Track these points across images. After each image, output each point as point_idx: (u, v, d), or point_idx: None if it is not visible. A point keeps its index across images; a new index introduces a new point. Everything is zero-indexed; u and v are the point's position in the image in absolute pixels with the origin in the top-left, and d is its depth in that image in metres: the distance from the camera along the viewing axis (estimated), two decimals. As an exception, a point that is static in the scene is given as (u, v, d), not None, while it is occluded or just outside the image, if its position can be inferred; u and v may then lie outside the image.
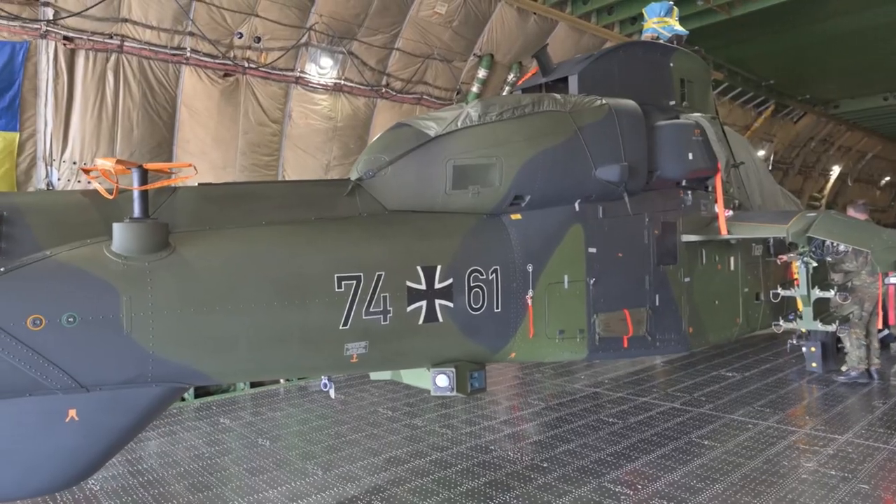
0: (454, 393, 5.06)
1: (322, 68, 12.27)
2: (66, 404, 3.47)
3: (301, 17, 11.62)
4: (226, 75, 11.22)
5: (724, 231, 6.93)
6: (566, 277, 5.78)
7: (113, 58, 10.09)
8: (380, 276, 4.53)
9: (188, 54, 10.76)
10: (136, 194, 3.73)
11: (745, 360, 10.34)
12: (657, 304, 6.41)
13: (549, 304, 5.68)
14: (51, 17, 9.43)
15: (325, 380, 5.28)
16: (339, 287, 4.34)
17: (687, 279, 6.84)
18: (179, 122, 10.94)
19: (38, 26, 9.38)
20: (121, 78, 10.17)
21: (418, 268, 4.81)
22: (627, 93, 6.61)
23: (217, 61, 11.04)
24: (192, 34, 10.68)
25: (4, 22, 9.12)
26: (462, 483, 5.55)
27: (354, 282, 4.41)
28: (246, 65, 11.38)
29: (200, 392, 9.47)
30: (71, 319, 3.38)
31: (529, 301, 5.51)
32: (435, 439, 6.84)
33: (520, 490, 5.37)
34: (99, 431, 3.60)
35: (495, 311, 5.30)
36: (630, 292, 6.26)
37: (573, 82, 6.75)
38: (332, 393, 5.39)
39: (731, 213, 7.20)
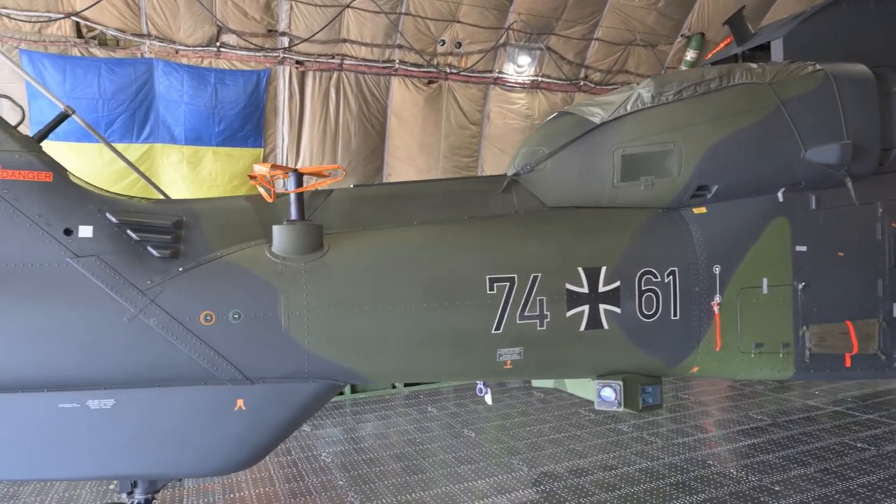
0: (621, 409, 4.59)
1: (519, 67, 12.36)
2: (235, 395, 3.76)
3: (499, 18, 11.82)
4: (429, 82, 11.84)
5: None
6: (765, 281, 4.92)
7: (335, 76, 11.21)
8: (535, 277, 4.25)
9: (397, 66, 11.56)
10: (292, 197, 3.93)
11: None
12: (894, 314, 5.22)
13: (743, 312, 4.87)
14: (287, 45, 10.76)
15: (480, 385, 5.13)
16: (491, 289, 4.14)
17: None
18: (389, 130, 11.80)
19: (277, 54, 10.77)
20: (341, 93, 11.27)
21: (580, 269, 4.40)
22: (854, 55, 5.39)
23: (422, 70, 11.69)
24: (399, 46, 11.45)
25: (252, 53, 10.62)
26: (678, 497, 5.18)
27: (508, 284, 4.18)
28: (448, 70, 11.87)
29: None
30: (236, 316, 3.66)
31: (716, 308, 4.79)
32: (643, 447, 6.48)
33: (746, 513, 4.85)
34: (263, 421, 3.87)
35: (672, 318, 4.69)
36: (855, 300, 5.15)
37: (776, 48, 5.66)
38: (488, 399, 5.22)
39: None
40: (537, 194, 4.75)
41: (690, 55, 13.18)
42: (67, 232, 3.40)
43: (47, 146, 3.61)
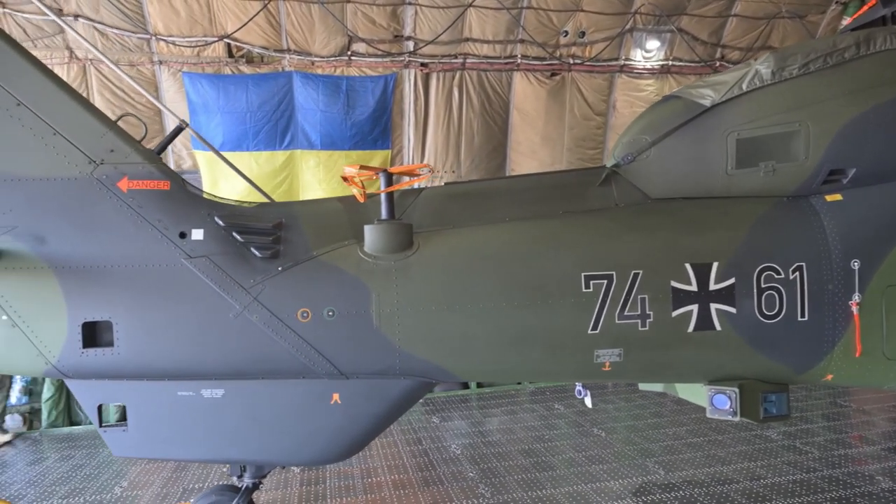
0: (737, 417, 4.17)
1: (648, 52, 11.83)
2: (331, 389, 3.90)
3: (625, 3, 11.39)
4: (552, 75, 11.68)
5: None
6: None
7: (458, 75, 11.42)
8: (636, 274, 3.97)
9: (519, 61, 11.53)
10: (382, 197, 3.97)
11: None
12: None
13: (890, 313, 4.28)
14: (412, 49, 11.14)
15: (578, 387, 4.93)
16: (587, 287, 3.92)
17: None
18: (512, 125, 11.81)
19: (403, 58, 11.17)
20: (464, 92, 11.46)
21: (687, 265, 4.03)
22: None
23: (544, 63, 11.57)
24: (521, 41, 11.41)
25: (379, 59, 11.11)
26: (841, 513, 4.72)
27: (605, 281, 3.94)
28: (571, 61, 11.66)
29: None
30: (331, 313, 3.77)
31: (855, 308, 4.22)
32: (796, 457, 5.98)
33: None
34: (358, 415, 3.98)
35: (799, 319, 4.19)
36: None
37: None
38: (588, 402, 4.99)
39: None
40: (640, 186, 4.43)
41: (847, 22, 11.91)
42: (182, 235, 3.73)
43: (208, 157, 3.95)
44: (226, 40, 10.56)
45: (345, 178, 3.98)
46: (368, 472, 6.92)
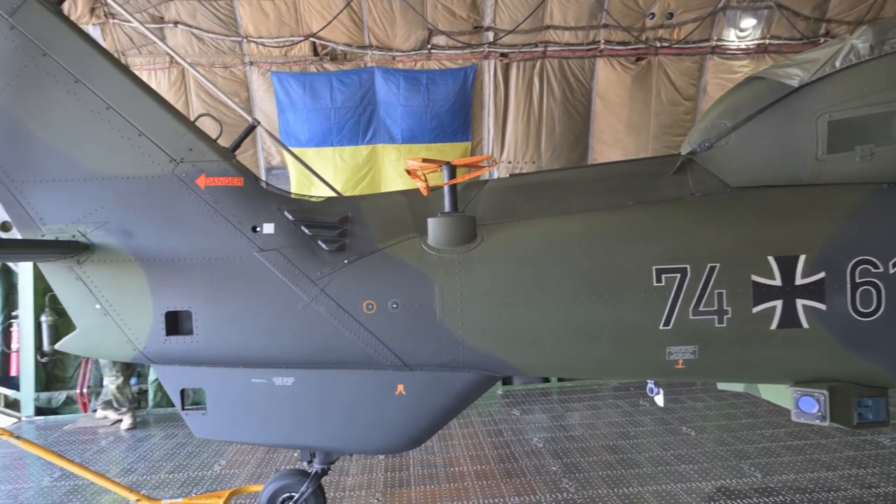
0: (826, 423, 3.83)
1: (742, 31, 11.08)
2: (396, 380, 3.94)
3: (718, -19, 10.73)
4: (637, 60, 11.22)
5: None
6: None
7: (538, 64, 11.21)
8: (713, 268, 3.73)
9: (602, 46, 11.15)
10: (445, 189, 3.94)
11: None
12: None
13: None
14: (492, 40, 11.04)
15: (650, 384, 4.71)
16: (659, 281, 3.73)
17: None
18: (594, 114, 11.46)
19: (483, 49, 11.10)
20: (544, 81, 11.23)
21: (770, 258, 3.75)
22: None
23: (629, 47, 11.12)
24: (605, 26, 11.02)
25: (459, 51, 11.10)
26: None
27: (678, 275, 3.74)
28: (658, 45, 11.13)
29: (618, 372, 9.72)
30: (395, 305, 3.80)
31: None
32: (912, 466, 5.45)
33: None
34: (422, 407, 3.99)
35: None
36: None
37: None
38: (659, 400, 4.79)
39: None
40: (718, 174, 4.17)
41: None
42: (254, 229, 3.89)
43: (305, 152, 4.06)
44: (311, 39, 10.92)
45: (408, 171, 4.02)
46: (450, 462, 7.00)
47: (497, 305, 3.78)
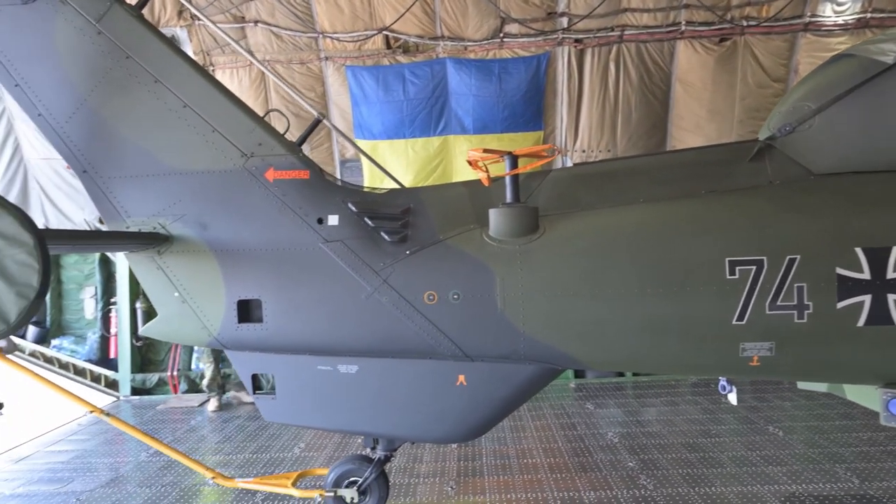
0: None
1: (840, 5, 10.25)
2: (457, 370, 3.96)
3: (812, -48, 9.96)
4: (721, 41, 10.60)
5: None
6: None
7: (614, 49, 10.83)
8: (792, 260, 3.51)
9: (683, 28, 10.62)
10: (507, 180, 3.89)
11: None
12: None
13: None
14: (566, 26, 10.76)
15: (723, 381, 4.60)
16: (733, 273, 3.56)
17: None
18: (674, 99, 10.95)
19: (556, 36, 10.84)
20: (621, 66, 10.84)
21: (858, 250, 3.50)
22: None
23: (713, 28, 10.53)
24: (686, 6, 10.49)
25: (531, 39, 10.90)
26: None
27: (754, 267, 3.54)
28: (745, 24, 10.47)
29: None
30: (456, 296, 3.81)
31: None
32: None
33: None
34: (483, 398, 3.99)
35: None
36: None
37: None
38: (732, 398, 4.63)
39: None
40: (800, 160, 3.93)
41: None
42: (319, 221, 3.99)
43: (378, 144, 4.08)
44: (384, 32, 11.04)
45: (469, 162, 3.99)
46: (523, 454, 7.00)
47: (559, 297, 3.73)
